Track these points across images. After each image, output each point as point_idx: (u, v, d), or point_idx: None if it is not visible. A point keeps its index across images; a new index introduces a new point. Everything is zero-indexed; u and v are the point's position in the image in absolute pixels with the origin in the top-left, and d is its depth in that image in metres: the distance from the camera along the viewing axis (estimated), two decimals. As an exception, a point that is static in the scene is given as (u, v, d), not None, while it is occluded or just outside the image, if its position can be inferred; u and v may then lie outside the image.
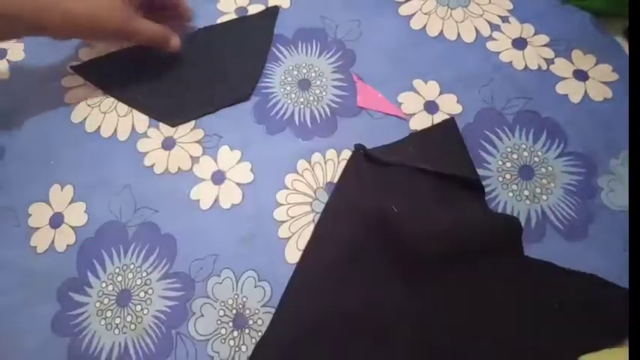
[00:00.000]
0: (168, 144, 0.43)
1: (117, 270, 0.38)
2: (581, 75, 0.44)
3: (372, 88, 0.44)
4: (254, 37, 0.47)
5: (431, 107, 0.43)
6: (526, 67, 0.45)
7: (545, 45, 0.46)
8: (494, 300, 0.34)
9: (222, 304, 0.36)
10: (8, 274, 0.38)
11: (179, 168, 0.42)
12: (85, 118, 0.44)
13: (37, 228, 0.40)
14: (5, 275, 0.38)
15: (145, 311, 0.36)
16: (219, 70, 0.45)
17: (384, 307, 0.34)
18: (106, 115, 0.44)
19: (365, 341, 0.34)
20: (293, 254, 0.37)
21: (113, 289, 0.37)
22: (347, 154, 0.41)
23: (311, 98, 0.44)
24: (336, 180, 0.40)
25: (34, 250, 0.39)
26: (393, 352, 0.33)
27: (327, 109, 0.43)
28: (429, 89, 0.44)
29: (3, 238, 0.39)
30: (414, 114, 0.42)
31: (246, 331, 0.35)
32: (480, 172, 0.39)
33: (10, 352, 0.36)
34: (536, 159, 0.40)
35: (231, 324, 0.36)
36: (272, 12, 0.49)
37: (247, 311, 0.36)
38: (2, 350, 0.36)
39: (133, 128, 0.43)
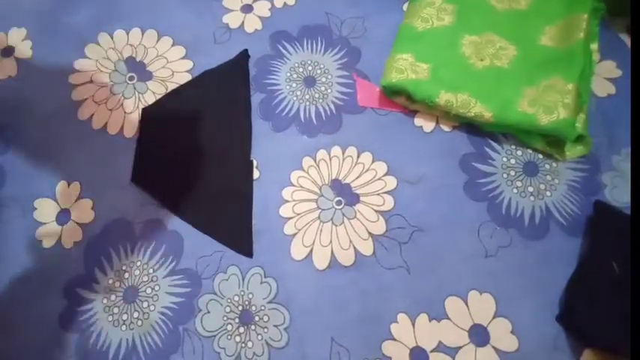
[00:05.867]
0: (173, 141, 0.43)
1: (123, 267, 0.38)
2: (585, 72, 0.44)
3: (375, 85, 0.43)
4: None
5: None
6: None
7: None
8: None
9: (229, 300, 0.36)
10: (14, 267, 0.38)
11: (185, 165, 0.42)
12: (91, 115, 0.44)
13: (43, 223, 0.40)
14: (11, 268, 0.38)
15: (152, 307, 0.37)
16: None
17: None
18: (113, 112, 0.44)
19: None
20: (299, 251, 0.38)
21: (120, 286, 0.37)
22: (352, 151, 0.41)
23: (316, 95, 0.44)
24: (341, 177, 0.40)
25: (39, 244, 0.39)
26: None
27: (333, 106, 0.43)
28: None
29: (7, 228, 0.39)
30: (417, 110, 0.42)
31: (252, 327, 0.36)
32: (485, 168, 0.39)
33: (18, 347, 0.36)
34: (541, 156, 0.40)
35: (237, 320, 0.36)
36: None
37: (253, 307, 0.36)
38: (10, 345, 0.36)
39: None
